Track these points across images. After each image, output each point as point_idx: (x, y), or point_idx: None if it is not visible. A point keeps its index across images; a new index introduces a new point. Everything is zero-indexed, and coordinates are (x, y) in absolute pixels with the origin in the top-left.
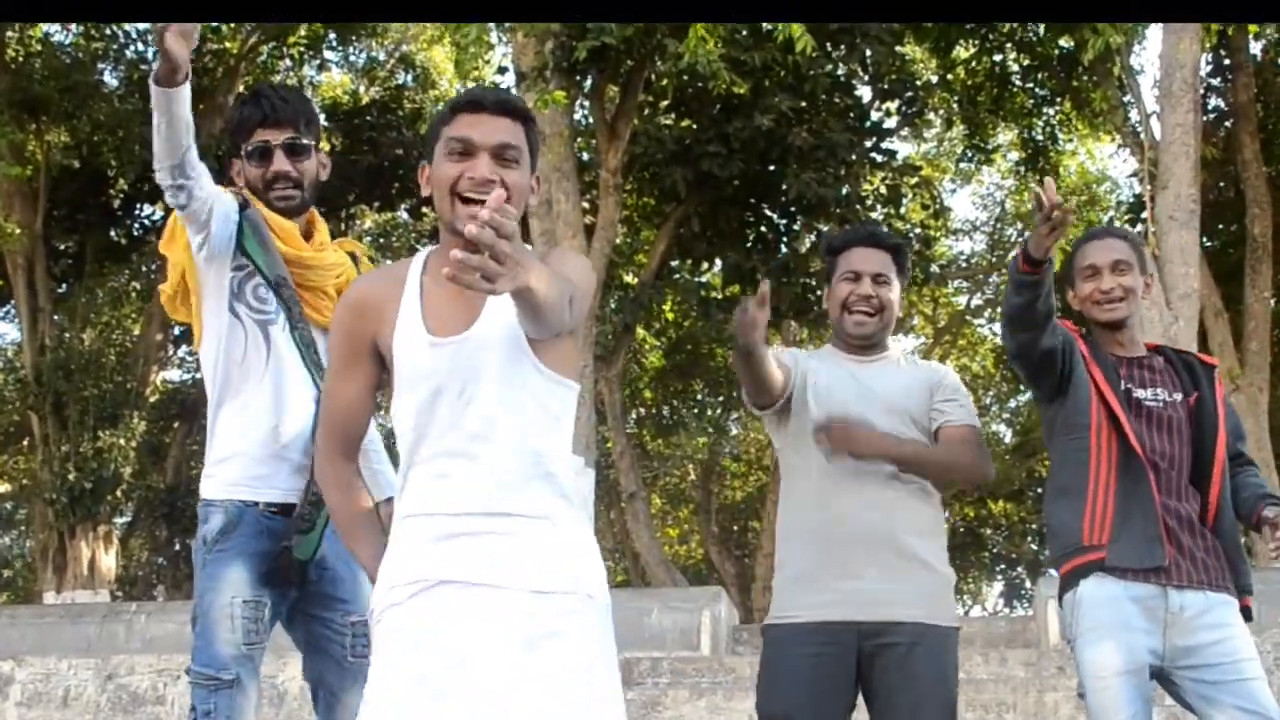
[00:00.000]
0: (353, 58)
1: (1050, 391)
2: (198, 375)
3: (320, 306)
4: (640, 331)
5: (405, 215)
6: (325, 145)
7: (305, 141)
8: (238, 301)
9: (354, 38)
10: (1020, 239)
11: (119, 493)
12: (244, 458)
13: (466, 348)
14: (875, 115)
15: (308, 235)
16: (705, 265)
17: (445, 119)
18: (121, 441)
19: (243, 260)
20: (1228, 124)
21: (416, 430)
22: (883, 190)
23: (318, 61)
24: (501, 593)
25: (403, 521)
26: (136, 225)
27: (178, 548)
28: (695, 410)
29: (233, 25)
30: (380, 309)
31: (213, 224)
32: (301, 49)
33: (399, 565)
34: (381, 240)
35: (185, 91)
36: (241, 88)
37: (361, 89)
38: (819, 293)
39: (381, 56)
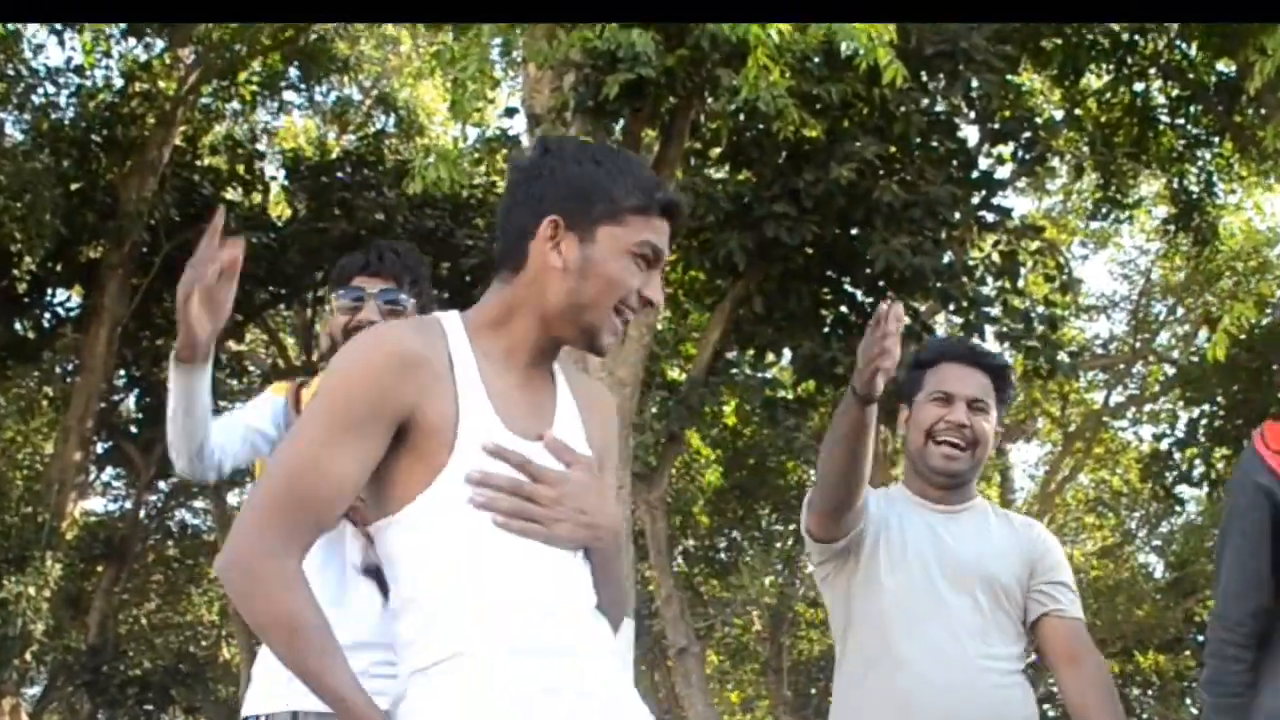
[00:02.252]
0: (320, 98)
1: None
2: (126, 505)
3: None
4: (692, 440)
5: None
6: (285, 209)
7: (403, 298)
8: None
9: (320, 73)
10: (1171, 317)
11: (29, 655)
12: None
13: (546, 454)
14: (984, 163)
15: None
16: (771, 357)
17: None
18: (32, 590)
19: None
20: None
21: (472, 571)
22: (995, 258)
23: (275, 103)
24: None
25: (458, 659)
26: (48, 315)
27: None
28: (761, 542)
29: (167, 61)
30: (432, 376)
31: (260, 453)
32: (255, 88)
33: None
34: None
35: (207, 372)
36: (179, 139)
37: (331, 136)
38: None
39: (356, 96)
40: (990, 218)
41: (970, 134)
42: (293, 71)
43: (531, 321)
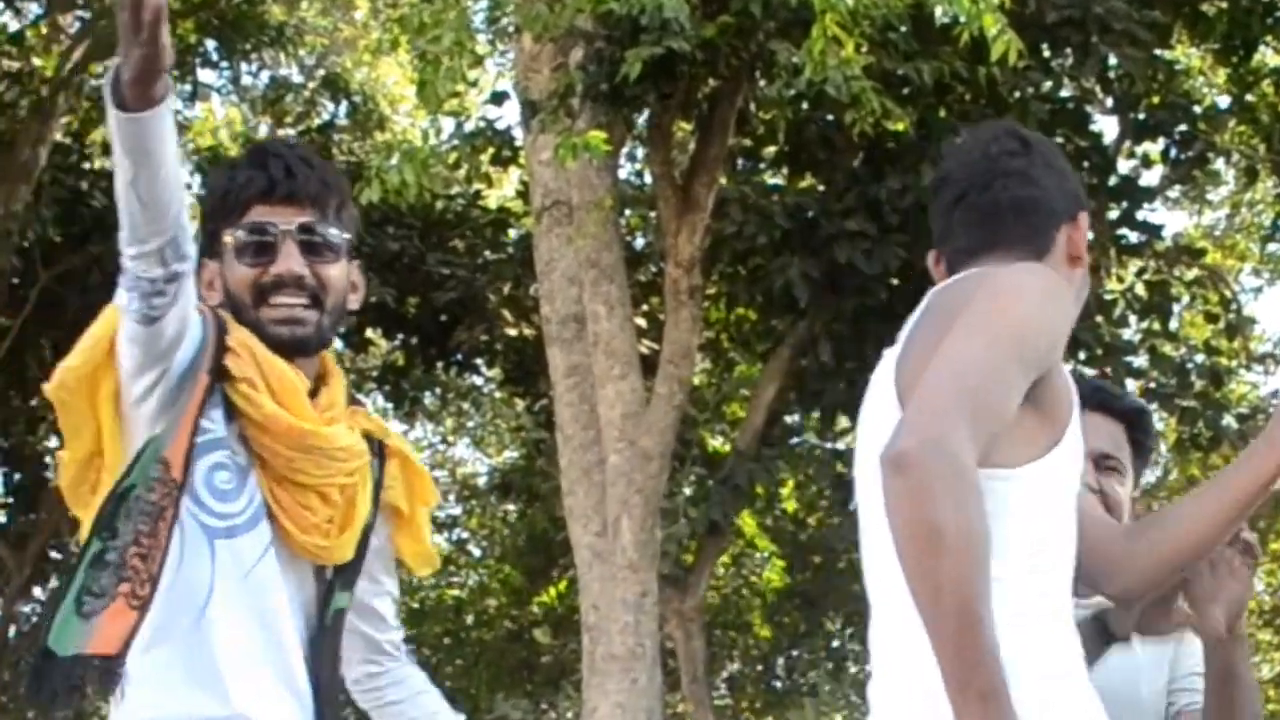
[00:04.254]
0: (248, 79)
1: None
2: None
3: (305, 517)
4: (745, 528)
5: (338, 343)
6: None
7: (334, 233)
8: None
9: (248, 47)
10: None
11: None
12: None
13: None
14: (1126, 165)
15: (314, 392)
16: (843, 420)
17: None
18: None
19: (204, 421)
20: None
21: (1056, 549)
22: (1140, 290)
23: (188, 86)
24: None
25: (1045, 683)
26: None
27: None
28: (830, 666)
29: (44, 32)
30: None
31: (176, 354)
32: None
33: None
34: None
35: (168, 114)
36: (60, 134)
37: (263, 129)
38: None
39: (295, 77)
40: (1134, 237)
41: (1107, 126)
42: (211, 44)
43: None
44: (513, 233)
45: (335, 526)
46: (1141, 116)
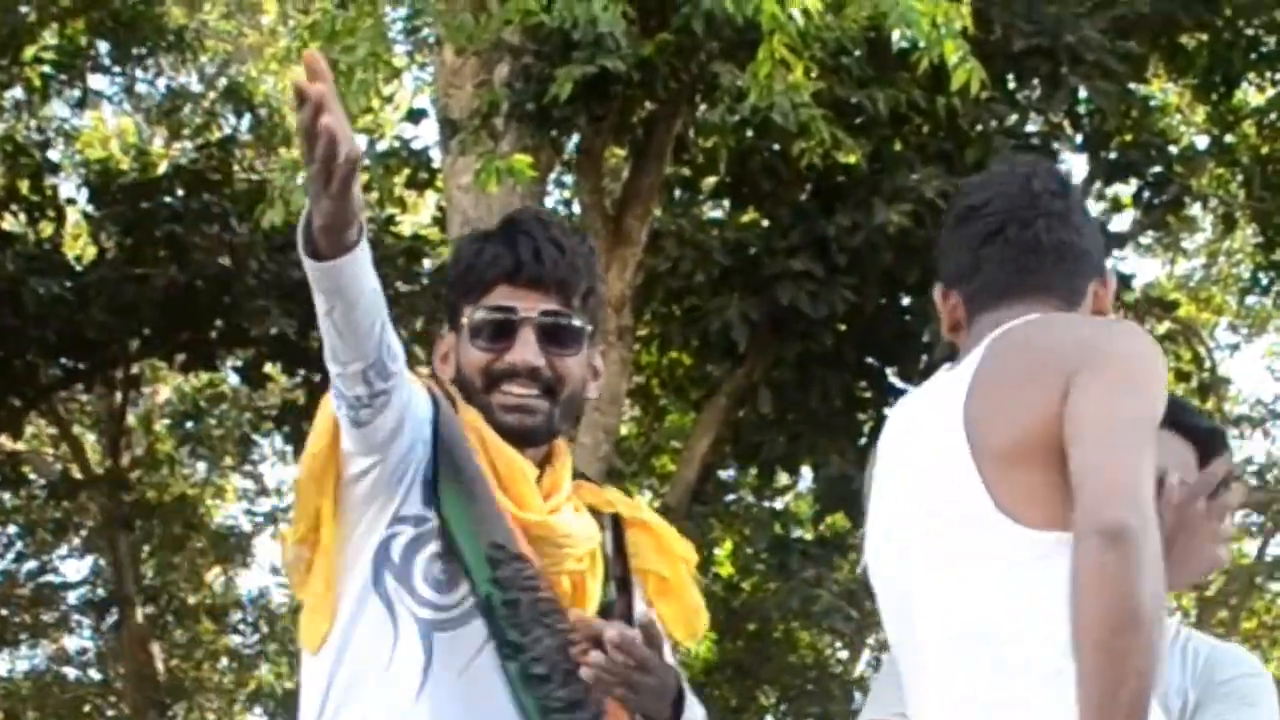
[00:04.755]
0: (143, 87)
1: None
2: None
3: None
4: None
5: (234, 379)
6: (88, 247)
7: (577, 324)
8: (390, 574)
9: (144, 51)
10: None
11: None
12: None
13: None
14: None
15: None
16: (784, 477)
17: None
18: None
19: (422, 511)
20: None
21: None
22: None
23: (77, 93)
24: None
25: None
26: None
27: None
28: None
29: None
30: None
31: (396, 445)
32: (47, 70)
33: None
34: (189, 422)
35: (362, 255)
36: None
37: (157, 143)
38: None
39: (195, 86)
40: None
41: (1076, 165)
42: (103, 46)
43: None
44: (427, 263)
45: None
46: (1113, 156)
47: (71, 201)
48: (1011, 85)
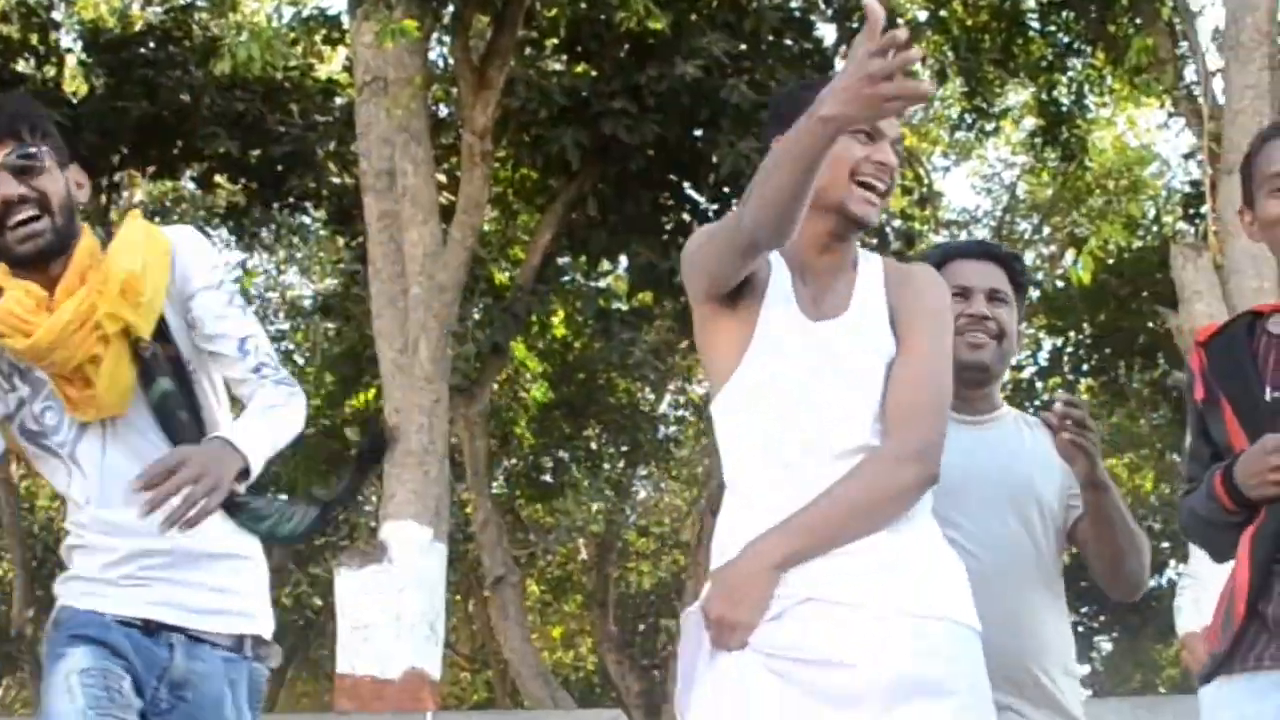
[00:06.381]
0: None
1: None
2: None
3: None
4: (518, 352)
5: (191, 185)
6: (81, 85)
7: (35, 151)
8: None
9: None
10: (1036, 236)
11: None
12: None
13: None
14: (841, 64)
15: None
16: (605, 264)
17: None
18: None
19: None
20: None
21: None
22: None
23: None
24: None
25: None
26: None
27: None
28: (588, 464)
29: None
30: None
31: None
32: None
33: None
34: (158, 218)
35: None
36: None
37: (135, 7)
38: None
39: None
40: None
41: (827, 33)
42: None
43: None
44: (339, 100)
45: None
46: (854, 26)
47: (69, 50)
48: None
